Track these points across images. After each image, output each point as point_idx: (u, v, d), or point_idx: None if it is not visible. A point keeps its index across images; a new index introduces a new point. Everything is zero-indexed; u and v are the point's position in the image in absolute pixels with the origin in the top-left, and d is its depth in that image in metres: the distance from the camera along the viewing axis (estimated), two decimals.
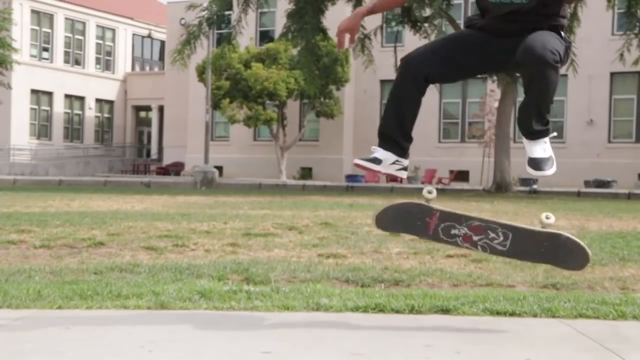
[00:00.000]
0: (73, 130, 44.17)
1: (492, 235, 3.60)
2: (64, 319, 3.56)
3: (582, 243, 3.57)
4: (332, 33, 27.62)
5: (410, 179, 32.89)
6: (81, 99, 44.27)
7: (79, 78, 43.58)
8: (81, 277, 4.88)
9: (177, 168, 40.07)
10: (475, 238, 3.61)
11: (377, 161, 3.62)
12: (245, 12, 23.86)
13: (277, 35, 30.49)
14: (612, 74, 31.26)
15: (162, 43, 45.94)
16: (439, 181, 31.68)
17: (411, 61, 3.56)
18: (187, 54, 23.72)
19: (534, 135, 3.56)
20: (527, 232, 3.66)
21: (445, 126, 35.05)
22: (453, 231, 3.64)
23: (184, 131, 39.62)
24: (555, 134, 3.70)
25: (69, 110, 43.76)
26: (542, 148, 3.57)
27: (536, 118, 3.52)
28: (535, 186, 26.89)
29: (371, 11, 3.65)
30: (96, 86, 44.52)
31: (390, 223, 3.76)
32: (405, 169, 3.70)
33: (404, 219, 3.72)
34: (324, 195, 19.94)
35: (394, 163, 3.64)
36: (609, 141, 31.83)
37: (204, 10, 23.83)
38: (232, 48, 27.10)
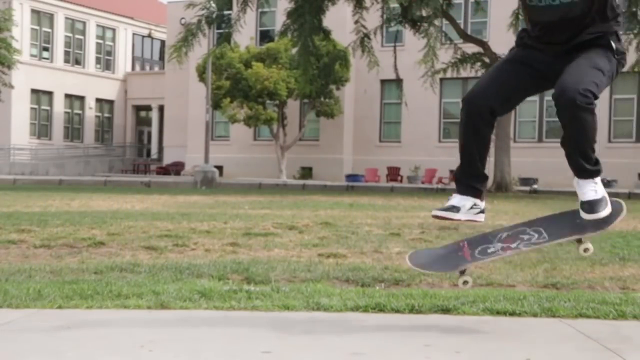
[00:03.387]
0: (73, 130, 44.13)
1: (526, 237, 3.61)
2: (64, 319, 3.56)
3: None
4: (333, 33, 27.47)
5: (410, 179, 32.91)
6: (81, 98, 44.23)
7: (79, 78, 43.54)
8: (81, 276, 4.88)
9: (177, 168, 40.06)
10: (513, 245, 3.62)
11: (454, 209, 3.58)
12: (244, 11, 23.83)
13: (277, 34, 30.47)
14: None
15: (162, 43, 45.88)
16: (439, 181, 31.64)
17: (473, 99, 3.51)
18: (185, 51, 23.72)
19: (584, 174, 3.47)
20: (555, 218, 3.70)
21: (446, 126, 35.02)
22: (490, 249, 3.64)
23: (184, 131, 39.60)
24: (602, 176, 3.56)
25: (69, 110, 43.74)
26: (593, 189, 3.47)
27: (582, 158, 3.44)
28: (535, 186, 26.90)
29: None
30: (96, 86, 44.48)
31: (426, 263, 3.79)
32: (483, 211, 3.65)
33: (440, 261, 3.77)
34: (324, 194, 19.93)
35: (472, 208, 3.61)
36: (609, 141, 31.80)
37: (203, 9, 23.83)
38: (231, 47, 27.06)
